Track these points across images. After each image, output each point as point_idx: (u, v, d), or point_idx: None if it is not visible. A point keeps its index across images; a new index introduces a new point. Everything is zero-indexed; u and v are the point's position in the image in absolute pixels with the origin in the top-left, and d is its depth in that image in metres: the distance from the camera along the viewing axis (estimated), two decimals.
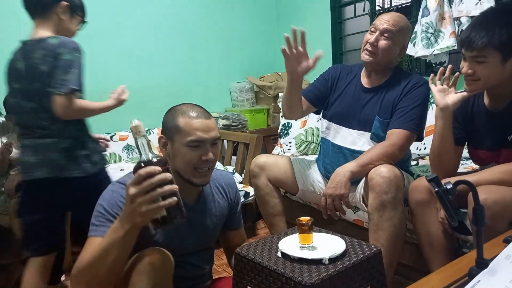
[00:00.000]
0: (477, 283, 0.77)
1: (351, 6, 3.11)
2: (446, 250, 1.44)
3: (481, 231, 0.90)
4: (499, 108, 1.40)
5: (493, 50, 1.27)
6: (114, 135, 2.81)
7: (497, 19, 1.29)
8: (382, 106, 1.68)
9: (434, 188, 0.93)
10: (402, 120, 1.61)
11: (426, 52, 2.36)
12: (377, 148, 1.59)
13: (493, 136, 1.42)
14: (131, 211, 0.90)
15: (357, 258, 1.02)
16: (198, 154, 1.11)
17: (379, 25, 1.64)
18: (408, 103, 1.63)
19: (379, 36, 1.64)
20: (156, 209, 0.89)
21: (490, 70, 1.30)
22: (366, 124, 1.70)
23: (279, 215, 1.84)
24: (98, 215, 1.06)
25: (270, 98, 3.26)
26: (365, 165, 1.54)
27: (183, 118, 1.12)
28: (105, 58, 2.90)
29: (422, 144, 2.30)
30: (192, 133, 1.10)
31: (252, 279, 1.07)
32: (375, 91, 1.72)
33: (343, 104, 1.78)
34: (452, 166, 1.48)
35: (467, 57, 1.34)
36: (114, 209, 1.06)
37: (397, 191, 1.46)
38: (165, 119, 1.17)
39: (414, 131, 1.61)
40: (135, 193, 0.88)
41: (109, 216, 1.06)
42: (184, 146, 1.11)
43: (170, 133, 1.14)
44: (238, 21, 3.52)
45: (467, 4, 2.16)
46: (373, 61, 1.67)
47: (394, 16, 1.66)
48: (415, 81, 1.67)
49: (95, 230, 1.05)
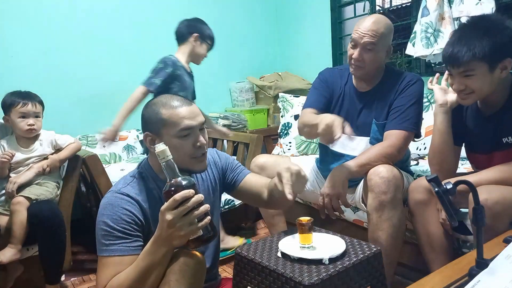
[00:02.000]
0: (477, 283, 0.77)
1: (351, 6, 3.11)
2: (446, 250, 1.44)
3: (481, 231, 0.90)
4: (492, 111, 1.41)
5: (479, 62, 1.27)
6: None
7: (475, 31, 1.29)
8: (378, 109, 1.67)
9: (434, 188, 0.93)
10: (399, 121, 1.60)
11: (425, 52, 2.36)
12: (375, 148, 1.58)
13: (487, 139, 1.42)
14: (169, 235, 0.94)
15: (357, 258, 1.03)
16: (190, 142, 1.10)
17: (359, 39, 1.57)
18: (403, 102, 1.61)
19: (361, 50, 1.57)
20: (194, 231, 0.93)
21: (481, 81, 1.30)
22: (364, 129, 1.69)
23: (279, 215, 1.85)
24: (105, 233, 1.06)
25: (270, 98, 3.26)
26: (363, 165, 1.54)
27: (166, 110, 1.09)
28: (105, 59, 2.90)
29: (422, 144, 2.30)
30: (179, 122, 1.08)
31: (252, 279, 1.07)
32: (370, 94, 1.70)
33: (342, 110, 1.75)
34: (451, 165, 1.48)
35: (455, 74, 1.34)
36: (120, 224, 1.06)
37: (396, 191, 1.46)
38: (146, 115, 1.14)
39: (412, 131, 1.60)
40: (173, 218, 0.91)
41: (117, 232, 1.05)
42: (174, 138, 1.09)
43: (155, 128, 1.11)
44: (238, 21, 3.52)
45: (467, 4, 2.15)
46: (362, 73, 1.64)
47: (371, 24, 1.56)
48: (409, 79, 1.65)
49: (107, 250, 1.05)
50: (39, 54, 2.68)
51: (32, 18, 2.64)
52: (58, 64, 2.74)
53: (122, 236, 1.05)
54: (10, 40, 2.59)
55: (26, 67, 2.63)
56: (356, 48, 1.58)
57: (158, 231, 0.97)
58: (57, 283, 1.83)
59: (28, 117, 1.90)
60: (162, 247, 0.97)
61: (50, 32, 2.71)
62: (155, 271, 0.99)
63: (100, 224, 1.07)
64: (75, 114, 2.79)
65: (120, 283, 1.01)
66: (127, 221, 1.07)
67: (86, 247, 2.44)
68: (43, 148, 1.97)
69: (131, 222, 1.07)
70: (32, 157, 1.94)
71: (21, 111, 1.89)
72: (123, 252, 1.05)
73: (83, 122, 2.79)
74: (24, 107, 1.89)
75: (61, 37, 2.75)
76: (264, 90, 3.27)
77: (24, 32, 2.63)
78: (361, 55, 1.58)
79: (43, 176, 1.94)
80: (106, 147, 2.28)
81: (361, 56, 1.58)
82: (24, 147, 1.94)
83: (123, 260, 1.04)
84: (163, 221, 0.93)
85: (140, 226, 1.09)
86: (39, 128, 1.96)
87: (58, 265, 1.80)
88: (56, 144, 2.01)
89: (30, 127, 1.90)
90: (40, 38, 2.67)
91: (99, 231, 1.07)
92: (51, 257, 1.77)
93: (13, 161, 1.89)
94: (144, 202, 1.12)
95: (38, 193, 1.82)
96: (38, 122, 1.94)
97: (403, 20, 3.11)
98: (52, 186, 1.95)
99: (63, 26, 2.75)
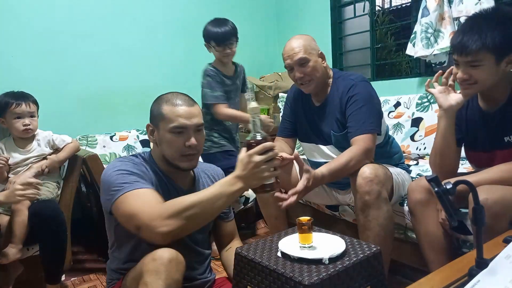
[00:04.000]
0: (477, 283, 0.77)
1: (351, 6, 3.11)
2: (446, 250, 1.44)
3: (481, 231, 0.90)
4: (493, 109, 1.41)
5: (487, 52, 1.26)
6: (114, 135, 2.81)
7: (487, 22, 1.28)
8: (333, 120, 1.71)
9: (434, 188, 0.93)
10: (357, 127, 1.60)
11: (425, 52, 2.36)
12: (345, 154, 1.55)
13: (488, 138, 1.42)
14: (251, 174, 1.05)
15: (357, 258, 1.03)
16: (181, 140, 1.16)
17: (290, 61, 1.67)
18: (354, 108, 1.63)
19: (298, 68, 1.66)
20: (270, 176, 1.06)
21: (486, 73, 1.30)
22: (329, 139, 1.74)
23: (281, 217, 1.86)
24: (123, 174, 1.11)
25: (270, 98, 3.26)
26: (334, 172, 1.51)
27: (167, 106, 1.18)
28: (105, 59, 2.91)
29: (422, 144, 2.30)
30: (174, 119, 1.16)
31: (252, 279, 1.07)
32: (323, 107, 1.75)
33: (305, 124, 1.83)
34: (453, 166, 1.48)
35: (461, 62, 1.33)
36: (136, 168, 1.15)
37: (380, 190, 1.47)
38: (152, 107, 1.23)
39: (373, 132, 1.60)
40: (260, 161, 1.04)
41: (134, 175, 1.12)
42: (168, 133, 1.16)
43: (156, 120, 1.20)
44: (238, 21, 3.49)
45: (466, 4, 2.16)
46: (313, 86, 1.70)
47: (292, 44, 1.67)
48: (350, 84, 1.66)
49: (130, 186, 1.08)
50: (39, 54, 2.68)
51: (32, 18, 2.65)
52: (58, 64, 2.74)
53: (142, 176, 1.13)
54: (10, 40, 2.59)
55: (26, 67, 2.63)
56: (294, 70, 1.68)
57: (240, 170, 1.06)
58: (57, 283, 1.83)
59: (23, 117, 1.90)
60: (240, 183, 1.06)
61: (50, 32, 2.71)
62: (221, 202, 1.05)
63: (113, 170, 1.12)
64: (75, 114, 2.79)
65: (175, 204, 1.03)
66: (142, 170, 1.16)
67: (86, 247, 2.44)
68: (41, 148, 1.98)
69: (144, 172, 1.16)
70: (30, 157, 1.94)
71: (16, 112, 1.89)
72: (148, 186, 1.11)
73: (83, 122, 2.80)
74: (18, 107, 1.89)
75: (61, 37, 2.75)
76: (264, 90, 3.28)
77: (24, 32, 2.63)
78: (302, 72, 1.66)
79: (43, 176, 1.94)
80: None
81: (302, 72, 1.66)
82: (22, 147, 1.95)
83: (153, 191, 1.10)
84: (250, 162, 1.04)
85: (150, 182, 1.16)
86: (35, 127, 1.96)
87: (59, 265, 1.80)
88: (54, 144, 2.01)
89: (26, 127, 1.90)
90: (40, 38, 2.68)
91: (113, 177, 1.11)
92: (52, 256, 1.77)
93: (12, 162, 1.89)
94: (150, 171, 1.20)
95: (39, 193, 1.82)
96: (33, 121, 1.94)
97: (403, 20, 3.12)
98: (53, 186, 1.96)
99: (63, 26, 2.75)
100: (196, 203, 1.04)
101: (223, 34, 2.23)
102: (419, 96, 2.44)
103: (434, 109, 2.29)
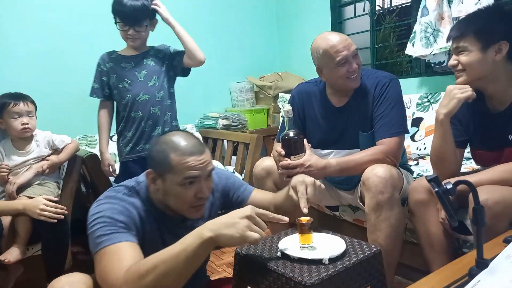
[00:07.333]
0: (477, 283, 0.77)
1: (351, 6, 3.11)
2: (446, 250, 1.44)
3: (481, 231, 0.90)
4: (501, 109, 1.41)
5: (471, 38, 1.33)
6: (114, 135, 2.81)
7: (479, 14, 1.39)
8: (360, 120, 1.65)
9: (434, 188, 0.93)
10: (386, 128, 1.58)
11: (425, 52, 2.36)
12: (365, 151, 1.55)
13: (495, 137, 1.42)
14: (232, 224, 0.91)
15: (357, 258, 1.03)
16: (192, 192, 1.07)
17: (347, 52, 1.56)
18: (383, 108, 1.60)
19: (354, 60, 1.58)
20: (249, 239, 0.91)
21: (472, 59, 1.34)
22: (352, 142, 1.67)
23: None
24: (106, 224, 1.01)
25: (270, 98, 3.26)
26: (345, 166, 1.53)
27: (176, 156, 1.05)
28: None
29: (422, 144, 2.30)
30: (185, 171, 1.05)
31: (252, 279, 1.07)
32: (348, 107, 1.68)
33: (322, 129, 1.74)
34: (454, 168, 1.46)
35: (452, 50, 1.42)
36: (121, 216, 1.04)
37: (394, 191, 1.46)
38: (154, 153, 1.09)
39: (402, 134, 1.59)
40: (254, 217, 0.94)
41: (119, 223, 1.02)
42: (178, 186, 1.06)
43: (160, 169, 1.07)
44: (238, 21, 3.52)
45: (466, 4, 2.15)
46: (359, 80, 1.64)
47: (341, 36, 1.61)
48: (382, 83, 1.63)
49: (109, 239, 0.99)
50: (39, 54, 2.68)
51: (32, 18, 2.64)
52: (58, 64, 2.74)
53: (124, 227, 1.01)
54: (10, 40, 2.59)
55: (26, 67, 2.63)
56: (346, 63, 1.57)
57: (224, 217, 0.94)
58: None
59: (21, 116, 1.89)
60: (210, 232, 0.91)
61: (50, 32, 2.71)
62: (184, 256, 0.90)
63: (98, 217, 1.03)
64: (75, 114, 2.78)
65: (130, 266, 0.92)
66: (130, 215, 1.05)
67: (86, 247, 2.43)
68: (40, 149, 1.97)
69: (131, 217, 1.06)
70: (29, 159, 1.93)
71: (14, 111, 1.87)
72: (128, 238, 1.00)
73: (83, 122, 2.79)
74: (16, 106, 1.88)
75: (61, 37, 2.75)
76: (264, 90, 3.28)
77: (24, 32, 2.63)
78: (358, 62, 1.60)
79: (43, 177, 1.94)
80: None
81: (358, 63, 1.60)
82: (21, 149, 1.93)
83: (132, 245, 0.98)
84: (242, 212, 0.93)
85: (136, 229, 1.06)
86: (33, 127, 1.94)
87: (60, 265, 1.80)
88: (54, 144, 2.00)
89: (24, 126, 1.89)
90: (40, 38, 2.68)
91: (96, 225, 1.02)
92: (54, 256, 1.76)
93: (11, 164, 1.88)
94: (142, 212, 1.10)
95: (40, 193, 1.82)
96: (32, 121, 1.93)
97: (403, 20, 3.12)
98: (53, 186, 1.96)
99: (63, 26, 2.75)
100: (158, 263, 0.90)
101: (130, 10, 1.90)
102: (419, 96, 2.44)
103: (434, 109, 2.29)
